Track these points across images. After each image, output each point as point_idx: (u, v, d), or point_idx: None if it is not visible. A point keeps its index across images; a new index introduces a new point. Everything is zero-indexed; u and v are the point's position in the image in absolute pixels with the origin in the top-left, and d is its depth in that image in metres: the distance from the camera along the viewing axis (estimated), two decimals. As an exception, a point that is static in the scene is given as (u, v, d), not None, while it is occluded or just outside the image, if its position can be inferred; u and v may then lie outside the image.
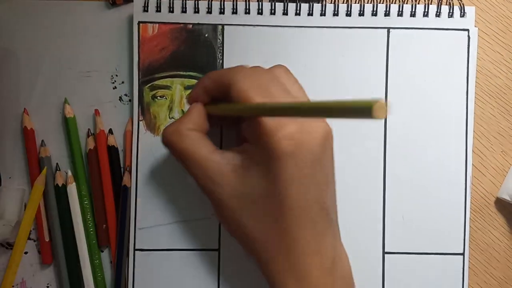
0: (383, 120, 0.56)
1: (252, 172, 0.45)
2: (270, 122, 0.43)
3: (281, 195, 0.44)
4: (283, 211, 0.45)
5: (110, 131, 0.57)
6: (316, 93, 0.56)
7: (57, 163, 0.57)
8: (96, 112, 0.57)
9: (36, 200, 0.56)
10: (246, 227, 0.46)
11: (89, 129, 0.57)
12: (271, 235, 0.45)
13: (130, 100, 0.57)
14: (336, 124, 0.55)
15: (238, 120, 0.50)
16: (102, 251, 0.57)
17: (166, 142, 0.49)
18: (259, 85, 0.45)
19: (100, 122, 0.57)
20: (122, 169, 0.57)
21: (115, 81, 0.58)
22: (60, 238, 0.56)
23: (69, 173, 0.56)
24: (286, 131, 0.43)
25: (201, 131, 0.49)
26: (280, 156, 0.43)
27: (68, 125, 0.56)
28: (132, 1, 0.57)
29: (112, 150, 0.57)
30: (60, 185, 0.56)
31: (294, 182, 0.44)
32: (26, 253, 0.57)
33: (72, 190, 0.56)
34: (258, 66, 0.49)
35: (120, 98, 0.57)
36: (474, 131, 0.57)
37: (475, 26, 0.57)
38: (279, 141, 0.43)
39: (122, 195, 0.56)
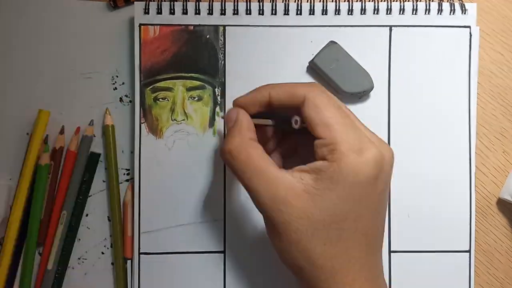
0: (386, 118, 0.57)
1: (327, 194, 0.43)
2: (351, 141, 0.43)
3: (359, 220, 0.43)
4: (358, 237, 0.44)
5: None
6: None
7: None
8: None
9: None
10: (313, 253, 0.43)
11: (63, 126, 0.57)
12: (339, 262, 0.44)
13: (130, 101, 0.57)
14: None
15: (297, 134, 0.48)
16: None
17: (229, 156, 0.45)
18: (336, 104, 0.45)
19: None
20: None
21: (115, 82, 0.57)
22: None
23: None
24: (371, 154, 0.43)
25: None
26: (366, 179, 0.42)
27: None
28: (133, 3, 0.56)
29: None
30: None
31: (374, 207, 0.44)
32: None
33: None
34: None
35: (121, 99, 0.57)
36: (476, 131, 0.57)
37: (476, 26, 0.57)
38: (365, 163, 0.42)
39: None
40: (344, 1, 0.57)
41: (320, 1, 0.57)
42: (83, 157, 0.57)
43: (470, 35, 0.57)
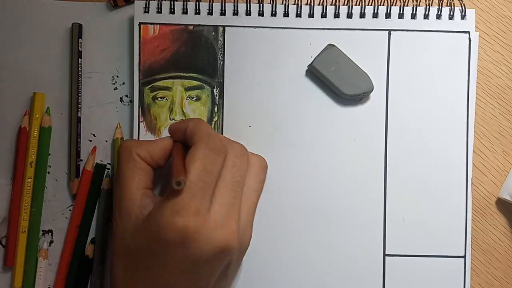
0: (384, 121, 0.56)
1: (144, 233, 0.47)
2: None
3: (155, 268, 0.46)
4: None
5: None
6: (317, 96, 0.56)
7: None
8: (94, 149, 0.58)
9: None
10: (117, 268, 0.49)
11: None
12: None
13: (131, 101, 0.57)
14: (338, 126, 0.55)
15: None
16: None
17: (118, 153, 0.52)
18: (208, 167, 0.47)
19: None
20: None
21: (115, 82, 0.58)
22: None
23: (44, 246, 0.58)
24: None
25: (150, 163, 0.51)
26: (166, 241, 0.45)
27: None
28: (133, 3, 0.57)
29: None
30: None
31: (172, 268, 0.46)
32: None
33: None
34: (237, 145, 0.51)
35: (121, 99, 0.57)
36: (475, 131, 0.56)
37: (476, 27, 0.57)
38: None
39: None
40: (344, 4, 0.57)
41: (319, 4, 0.57)
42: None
43: (470, 41, 0.57)
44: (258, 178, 0.52)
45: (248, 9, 0.57)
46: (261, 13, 0.57)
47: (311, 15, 0.57)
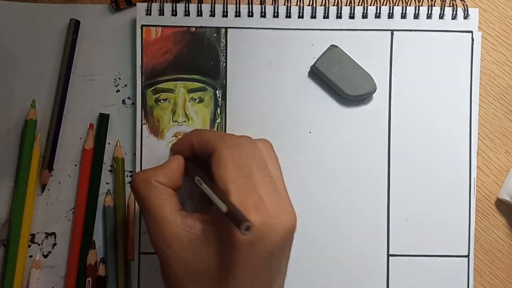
0: (387, 122, 0.56)
1: (207, 249, 0.44)
2: (239, 204, 0.42)
3: (229, 281, 0.43)
4: None
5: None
6: (320, 96, 0.56)
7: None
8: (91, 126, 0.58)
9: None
10: None
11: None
12: None
13: (133, 103, 0.57)
14: (341, 126, 0.55)
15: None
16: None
17: (133, 189, 0.47)
18: (240, 161, 0.44)
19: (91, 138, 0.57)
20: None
21: (118, 84, 0.58)
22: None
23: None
24: (255, 220, 0.41)
25: (172, 186, 0.47)
26: (238, 245, 0.42)
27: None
28: (135, 5, 0.57)
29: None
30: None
31: (246, 271, 0.43)
32: (30, 256, 0.57)
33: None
34: (245, 137, 0.48)
35: (123, 102, 0.58)
36: (477, 132, 0.56)
37: (478, 27, 0.57)
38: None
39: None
40: (346, 5, 0.57)
41: (322, 5, 0.57)
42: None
43: (472, 40, 0.57)
44: (273, 159, 0.49)
45: (250, 10, 0.57)
46: (263, 14, 0.57)
47: (313, 16, 0.57)
